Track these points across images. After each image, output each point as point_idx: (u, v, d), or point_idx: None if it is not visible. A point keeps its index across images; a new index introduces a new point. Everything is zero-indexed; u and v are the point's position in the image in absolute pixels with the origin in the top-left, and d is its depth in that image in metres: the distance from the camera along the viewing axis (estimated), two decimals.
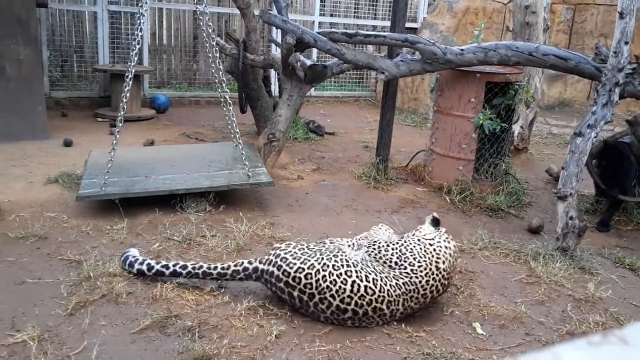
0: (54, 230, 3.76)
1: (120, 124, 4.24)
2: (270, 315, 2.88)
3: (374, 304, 2.76)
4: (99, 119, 7.15)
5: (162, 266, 3.09)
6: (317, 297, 2.77)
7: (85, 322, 2.71)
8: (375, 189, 5.14)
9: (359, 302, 2.74)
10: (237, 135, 4.69)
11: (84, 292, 2.97)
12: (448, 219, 4.53)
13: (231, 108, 4.52)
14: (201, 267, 3.06)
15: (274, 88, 7.48)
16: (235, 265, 3.03)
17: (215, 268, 3.04)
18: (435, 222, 3.22)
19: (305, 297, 2.80)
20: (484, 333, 2.91)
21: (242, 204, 4.49)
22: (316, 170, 5.64)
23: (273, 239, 3.85)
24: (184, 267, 3.06)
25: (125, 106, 4.21)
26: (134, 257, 3.18)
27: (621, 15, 3.85)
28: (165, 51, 8.77)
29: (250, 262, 3.02)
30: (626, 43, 3.86)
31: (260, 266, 2.96)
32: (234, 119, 4.62)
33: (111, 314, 2.81)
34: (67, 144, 5.81)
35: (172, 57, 8.85)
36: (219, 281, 3.10)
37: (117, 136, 4.22)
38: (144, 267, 3.11)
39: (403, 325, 2.88)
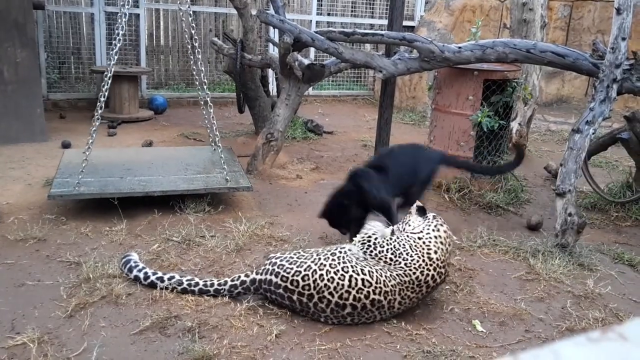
0: (52, 232, 3.76)
1: (98, 123, 4.17)
2: (270, 315, 2.88)
3: (371, 296, 2.76)
4: None
5: (157, 278, 3.06)
6: (316, 296, 2.78)
7: (85, 323, 2.71)
8: None
9: (357, 295, 2.75)
10: (217, 139, 4.65)
11: (83, 294, 2.97)
12: (447, 217, 4.52)
13: (211, 110, 4.48)
14: (197, 284, 3.02)
15: (272, 88, 7.47)
16: (232, 280, 3.01)
17: (212, 285, 3.02)
18: (422, 212, 3.19)
19: (304, 299, 2.80)
20: (484, 330, 2.91)
21: (241, 204, 4.49)
22: (315, 169, 5.63)
23: (272, 239, 3.85)
24: (179, 282, 3.03)
25: (102, 105, 4.18)
26: (135, 262, 3.17)
27: (618, 12, 3.85)
28: (163, 52, 8.76)
29: (247, 275, 3.01)
30: (623, 39, 3.86)
31: (258, 277, 2.95)
32: (214, 121, 4.57)
33: (111, 315, 2.81)
34: (66, 145, 5.80)
35: (170, 58, 8.85)
36: (217, 297, 3.05)
37: (94, 135, 4.17)
38: (141, 275, 3.08)
39: (403, 324, 2.88)
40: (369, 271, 2.80)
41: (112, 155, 4.98)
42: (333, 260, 2.84)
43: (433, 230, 3.01)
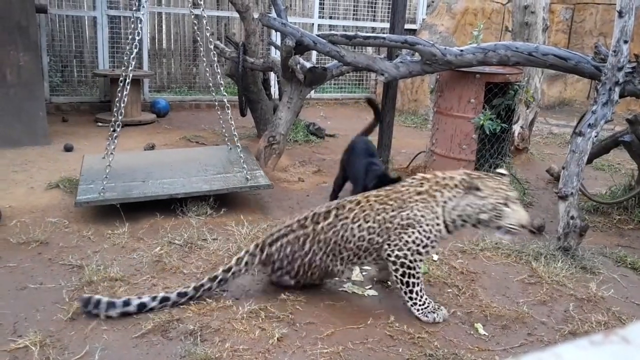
0: (55, 235, 3.76)
1: (119, 129, 4.24)
2: (272, 318, 2.88)
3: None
4: (100, 124, 7.15)
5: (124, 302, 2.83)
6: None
7: (87, 326, 2.71)
8: None
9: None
10: (236, 139, 4.68)
11: None
12: None
13: (229, 112, 4.51)
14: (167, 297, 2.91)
15: (274, 91, 7.48)
16: (223, 271, 3.06)
17: (187, 287, 2.98)
18: None
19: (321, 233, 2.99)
20: (486, 334, 2.90)
21: (243, 207, 4.49)
22: (317, 172, 5.63)
23: None
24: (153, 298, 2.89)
25: (122, 111, 4.21)
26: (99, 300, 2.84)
27: (620, 14, 3.85)
28: (165, 55, 8.78)
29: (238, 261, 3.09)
30: (625, 42, 3.86)
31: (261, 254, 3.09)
32: (233, 122, 4.61)
33: (113, 318, 2.81)
34: (68, 149, 5.81)
35: (172, 61, 8.87)
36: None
37: (116, 141, 4.22)
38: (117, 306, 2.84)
39: (405, 327, 2.88)
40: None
41: (131, 159, 4.99)
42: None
43: None
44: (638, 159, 4.96)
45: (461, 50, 4.60)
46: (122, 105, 4.20)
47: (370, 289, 3.29)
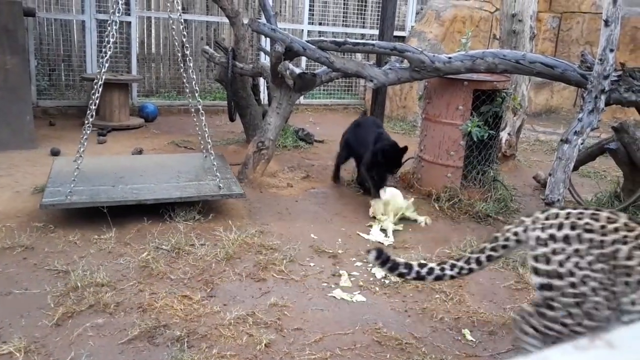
0: (41, 240, 3.72)
1: (89, 131, 4.21)
2: (259, 324, 2.87)
3: None
4: None
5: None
6: None
7: (72, 332, 2.69)
8: (365, 196, 5.14)
9: None
10: (209, 146, 4.65)
11: (71, 303, 2.94)
12: (437, 226, 4.54)
13: (203, 118, 4.50)
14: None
15: (263, 96, 7.48)
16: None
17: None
18: None
19: None
20: (474, 339, 2.91)
21: (231, 213, 4.48)
22: (306, 178, 5.63)
23: (263, 247, 3.83)
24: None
25: (93, 113, 4.19)
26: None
27: (606, 23, 3.90)
28: (154, 60, 8.75)
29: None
30: (611, 50, 3.91)
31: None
32: (206, 129, 4.58)
33: (99, 324, 2.78)
34: (55, 153, 5.76)
35: (161, 66, 8.83)
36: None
37: (85, 144, 4.18)
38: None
39: (393, 333, 2.88)
40: None
41: (103, 164, 4.95)
42: None
43: None
44: (623, 167, 5.01)
45: (449, 58, 4.63)
46: (94, 107, 4.17)
47: (358, 294, 3.29)
